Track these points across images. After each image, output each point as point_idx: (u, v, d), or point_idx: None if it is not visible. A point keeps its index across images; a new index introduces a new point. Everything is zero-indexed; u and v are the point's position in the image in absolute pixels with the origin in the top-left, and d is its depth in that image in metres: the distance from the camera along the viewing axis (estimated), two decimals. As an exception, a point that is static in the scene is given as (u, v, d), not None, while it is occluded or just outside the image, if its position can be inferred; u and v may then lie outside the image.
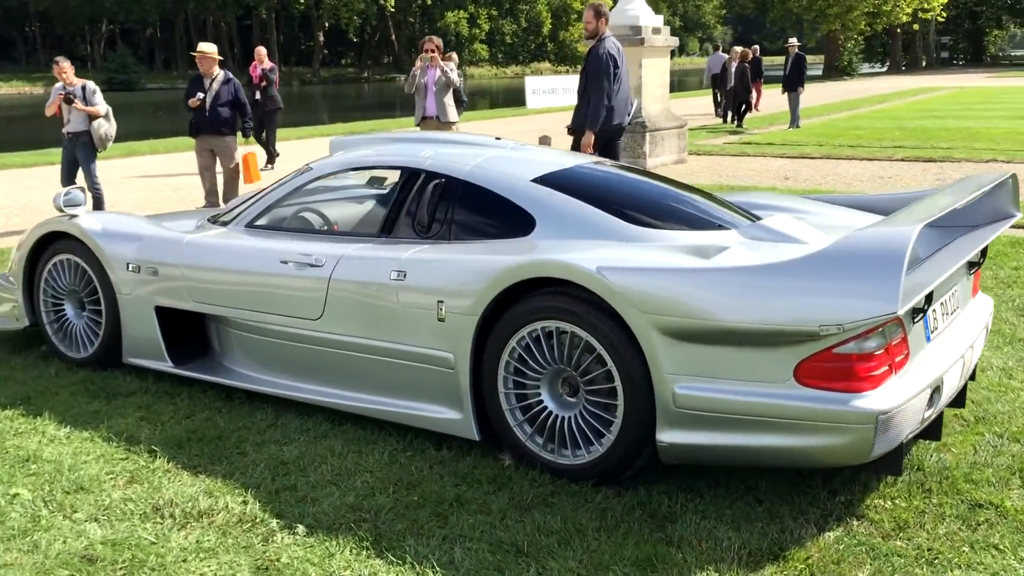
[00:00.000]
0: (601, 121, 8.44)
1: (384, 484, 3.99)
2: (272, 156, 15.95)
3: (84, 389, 5.20)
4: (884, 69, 70.14)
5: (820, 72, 51.89)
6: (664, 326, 3.60)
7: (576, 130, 8.65)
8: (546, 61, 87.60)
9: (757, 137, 19.66)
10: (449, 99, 11.65)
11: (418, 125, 11.60)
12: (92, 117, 10.62)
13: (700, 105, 29.37)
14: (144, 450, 4.37)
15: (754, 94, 23.30)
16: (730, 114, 22.72)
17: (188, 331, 5.26)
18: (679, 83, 64.71)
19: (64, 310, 5.62)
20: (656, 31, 15.21)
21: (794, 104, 21.44)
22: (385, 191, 5.22)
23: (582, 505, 3.76)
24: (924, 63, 72.33)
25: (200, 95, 10.65)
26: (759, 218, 4.57)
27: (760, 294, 3.46)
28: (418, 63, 11.46)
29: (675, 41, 15.78)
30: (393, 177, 5.18)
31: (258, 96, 15.35)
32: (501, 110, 33.48)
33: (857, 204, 5.11)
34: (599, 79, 8.37)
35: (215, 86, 10.67)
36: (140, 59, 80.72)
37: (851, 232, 3.64)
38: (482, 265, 4.08)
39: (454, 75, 11.61)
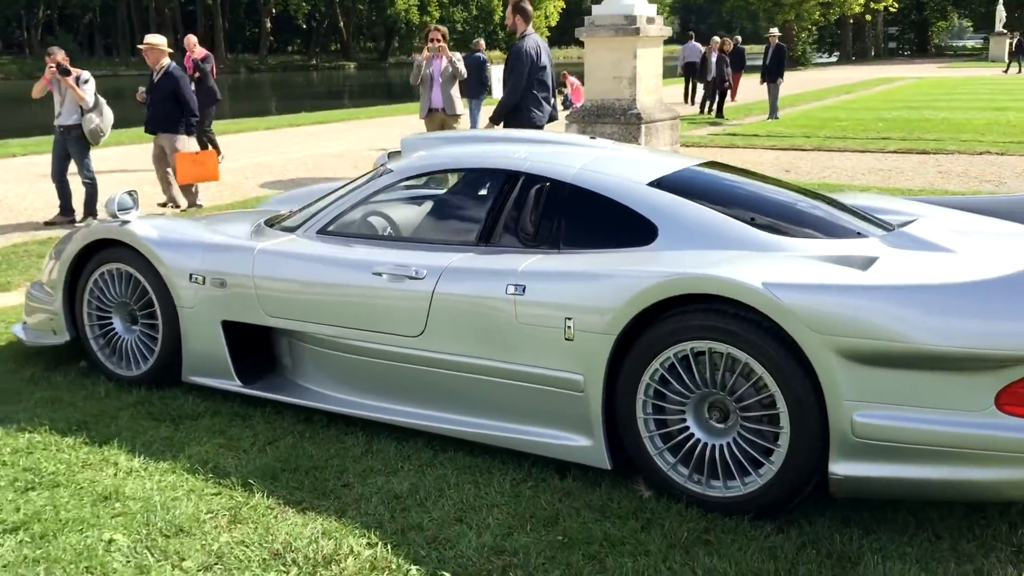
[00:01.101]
0: (506, 114, 8.52)
1: (518, 520, 3.65)
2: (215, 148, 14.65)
3: (144, 411, 4.77)
4: (834, 59, 70.69)
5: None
6: (844, 348, 3.30)
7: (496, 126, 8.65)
8: (497, 49, 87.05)
9: (739, 128, 19.51)
10: (455, 91, 11.28)
11: (424, 119, 11.19)
12: (83, 109, 10.07)
13: (668, 95, 29.16)
14: (236, 483, 3.98)
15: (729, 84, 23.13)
16: (708, 104, 22.52)
17: (251, 346, 4.84)
18: (630, 72, 64.69)
19: (112, 324, 5.18)
20: (650, 20, 14.91)
21: (773, 95, 21.32)
22: (475, 195, 4.84)
23: (746, 544, 3.45)
24: (873, 53, 73.06)
25: (141, 89, 10.51)
26: (889, 224, 4.29)
27: (961, 315, 3.17)
28: (424, 53, 11.05)
29: (668, 31, 15.51)
30: (463, 180, 4.83)
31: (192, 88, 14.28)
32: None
33: (969, 206, 4.85)
34: (513, 76, 8.44)
35: (157, 80, 10.31)
36: (80, 45, 78.68)
37: None
38: (618, 279, 3.75)
39: (461, 65, 11.23)
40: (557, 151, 4.67)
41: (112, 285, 5.10)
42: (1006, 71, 42.46)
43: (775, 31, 21.93)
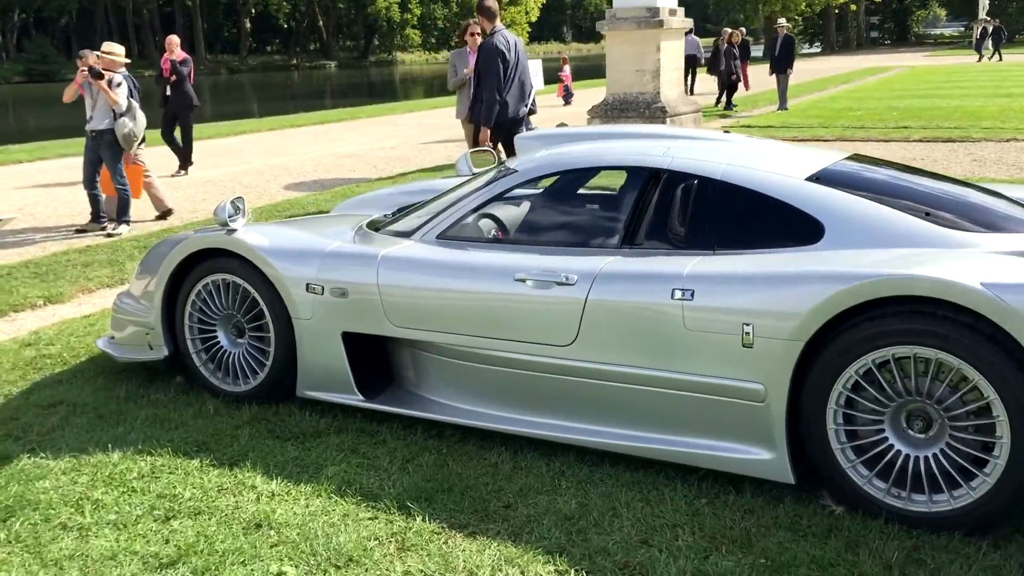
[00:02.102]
0: (495, 115, 8.57)
1: (709, 541, 3.43)
2: (187, 159, 14.25)
3: (264, 430, 4.52)
4: (818, 50, 70.78)
5: (761, 53, 51.99)
6: None
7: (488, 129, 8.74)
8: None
9: (751, 120, 19.35)
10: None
11: (463, 120, 10.92)
12: (115, 113, 9.76)
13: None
14: (392, 506, 3.75)
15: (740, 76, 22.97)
16: (723, 97, 22.32)
17: (365, 359, 4.60)
18: (599, 70, 64.57)
19: (215, 338, 4.91)
20: (673, 12, 14.75)
21: (782, 86, 21.19)
22: (613, 195, 4.61)
23: (965, 564, 3.24)
24: (856, 43, 73.24)
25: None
26: None
27: None
28: (470, 68, 10.60)
29: (690, 22, 15.35)
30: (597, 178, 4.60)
31: (168, 92, 13.72)
32: (446, 98, 32.69)
33: None
34: (488, 74, 8.46)
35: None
36: (57, 49, 77.82)
37: None
38: (805, 282, 3.53)
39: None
40: (697, 146, 4.45)
41: (217, 297, 4.84)
42: (979, 60, 42.54)
43: (783, 22, 21.80)
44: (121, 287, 7.68)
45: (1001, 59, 41.81)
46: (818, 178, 4.08)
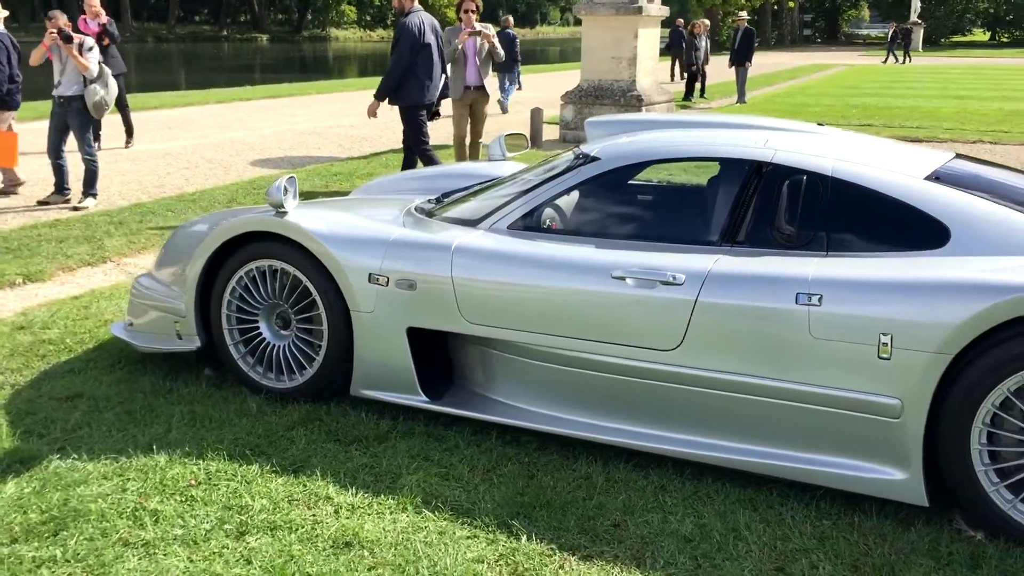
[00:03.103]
0: (392, 90, 8.72)
1: (852, 572, 3.16)
2: (129, 133, 13.42)
3: (320, 432, 4.14)
4: (755, 45, 71.25)
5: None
6: None
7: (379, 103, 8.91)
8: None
9: (715, 111, 19.21)
10: (489, 68, 10.63)
11: (459, 100, 10.51)
12: (85, 79, 9.17)
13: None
14: (489, 523, 3.42)
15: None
16: (693, 86, 22.13)
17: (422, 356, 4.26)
18: (540, 53, 64.21)
19: (257, 328, 4.50)
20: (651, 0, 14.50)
21: (741, 79, 21.16)
22: (709, 187, 4.31)
23: None
24: (790, 40, 74.09)
25: None
26: None
27: None
28: (463, 35, 10.20)
29: (667, 10, 15.11)
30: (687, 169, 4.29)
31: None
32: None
33: None
34: (398, 49, 8.56)
35: None
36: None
37: None
38: (955, 291, 3.28)
39: (497, 42, 10.59)
40: (797, 139, 4.16)
41: (262, 284, 4.44)
42: (884, 61, 43.20)
43: (743, 15, 21.71)
44: (103, 266, 7.21)
45: (910, 61, 42.49)
46: (937, 177, 3.83)
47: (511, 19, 19.54)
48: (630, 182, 4.45)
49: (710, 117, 4.77)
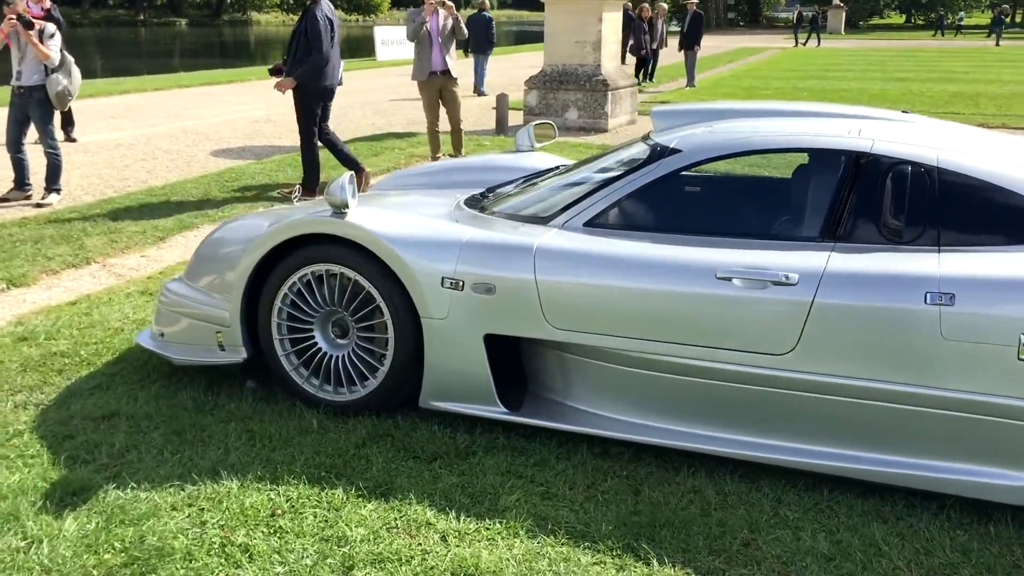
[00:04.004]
0: (316, 77, 8.68)
1: (1010, 585, 2.99)
2: (70, 122, 12.55)
3: (395, 449, 3.86)
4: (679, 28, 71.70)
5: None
6: None
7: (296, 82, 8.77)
8: (340, 10, 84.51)
9: (668, 95, 19.15)
10: (454, 50, 10.31)
11: (421, 82, 10.18)
12: (47, 68, 8.65)
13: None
14: (615, 546, 3.18)
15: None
16: (644, 71, 22.00)
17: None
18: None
19: (311, 337, 4.19)
20: (615, -18, 14.30)
21: (691, 62, 21.10)
22: (801, 180, 4.10)
23: None
24: (715, 23, 74.68)
25: None
26: None
27: None
28: (430, 3, 9.89)
29: (629, -6, 14.89)
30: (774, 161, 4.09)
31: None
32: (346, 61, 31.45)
33: None
34: (319, 39, 8.55)
35: None
36: None
37: None
38: None
39: (462, 23, 10.28)
40: (893, 128, 3.98)
41: (318, 290, 4.12)
42: (795, 44, 43.66)
43: (692, -1, 21.65)
44: (87, 268, 6.79)
45: (818, 44, 42.97)
46: (1045, 169, 3.67)
47: (487, 2, 19.31)
48: (714, 175, 4.22)
49: (780, 105, 4.55)
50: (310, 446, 3.86)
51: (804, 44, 42.56)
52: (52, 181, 9.05)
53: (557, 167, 5.23)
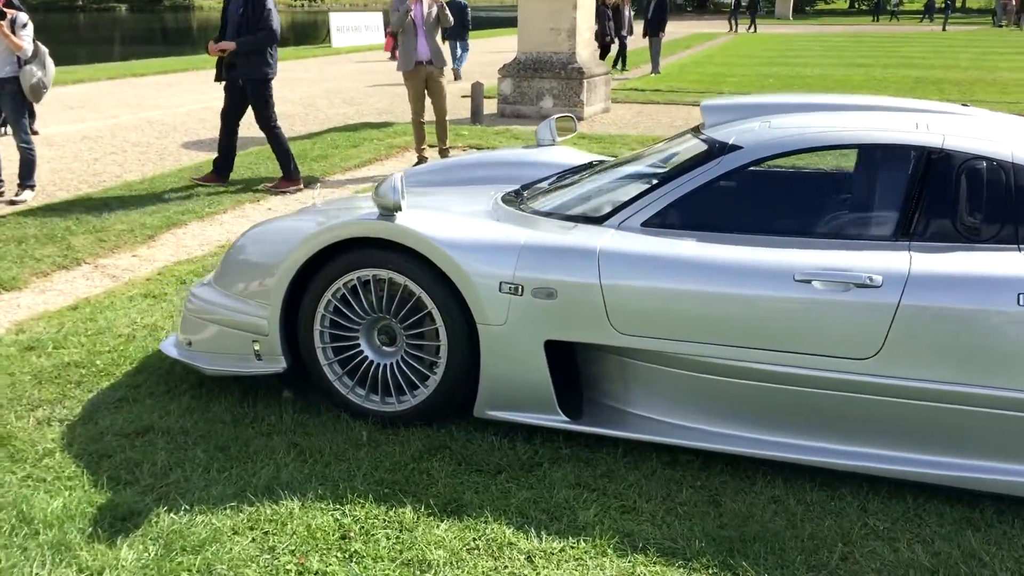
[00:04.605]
0: (263, 64, 8.60)
1: (1121, 595, 2.91)
2: (31, 114, 11.60)
3: (455, 462, 3.70)
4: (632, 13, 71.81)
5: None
6: None
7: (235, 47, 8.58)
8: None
9: (635, 83, 19.06)
10: (440, 39, 10.07)
11: (407, 72, 9.95)
12: (19, 60, 8.31)
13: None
14: (711, 563, 3.08)
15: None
16: (616, 59, 21.85)
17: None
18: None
19: (357, 345, 4.00)
20: (588, -32, 14.15)
21: (655, 49, 21.03)
22: (868, 176, 3.99)
23: None
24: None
25: None
26: None
27: None
28: None
29: (601, -19, 14.74)
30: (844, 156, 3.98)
31: None
32: (299, 48, 31.01)
33: None
34: (270, 17, 8.55)
35: None
36: None
37: None
38: None
39: (447, 11, 10.04)
40: (960, 122, 3.88)
41: (364, 296, 3.93)
42: (731, 30, 43.84)
43: (657, -16, 21.54)
44: (79, 269, 6.53)
45: (755, 30, 43.18)
46: (1122, 162, 3.59)
47: None
48: (773, 172, 4.09)
49: (828, 98, 4.43)
50: (366, 461, 3.68)
51: (749, 29, 42.63)
52: (26, 177, 8.72)
53: (591, 163, 5.08)
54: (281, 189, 9.08)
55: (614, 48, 21.59)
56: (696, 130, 4.34)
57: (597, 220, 3.92)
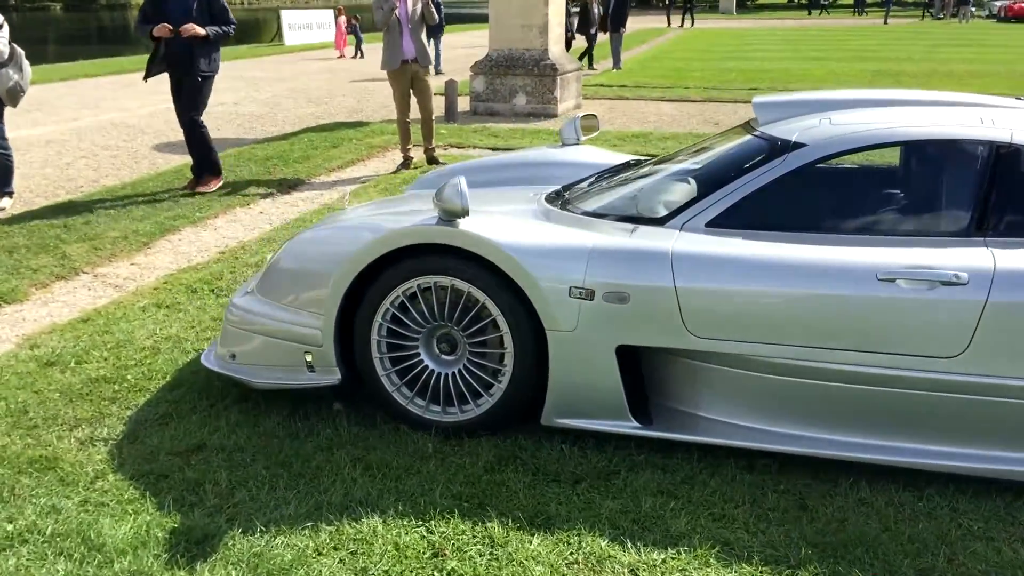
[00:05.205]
0: (216, 59, 8.47)
1: None
2: None
3: (530, 473, 3.61)
4: (576, 9, 71.92)
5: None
6: None
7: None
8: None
9: (599, 78, 19.05)
10: (424, 37, 9.93)
11: (392, 71, 9.79)
12: (-4, 62, 8.06)
13: (468, 41, 28.38)
14: (818, 572, 2.99)
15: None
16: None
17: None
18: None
19: (417, 355, 3.89)
20: (559, -36, 14.09)
21: (616, 44, 21.04)
22: (937, 172, 3.95)
23: None
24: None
25: None
26: None
27: None
28: None
29: (571, -24, 14.68)
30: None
31: None
32: (253, 46, 30.55)
33: None
34: (228, 12, 8.40)
35: None
36: None
37: None
38: None
39: (432, 8, 9.90)
40: (1022, 115, 3.86)
41: (425, 304, 3.81)
42: (668, 24, 44.12)
43: (617, -21, 21.54)
44: (78, 279, 6.32)
45: (693, 24, 43.46)
46: None
47: None
48: (839, 170, 4.04)
49: (880, 94, 4.39)
50: (438, 473, 3.57)
51: (683, 24, 42.80)
52: (5, 184, 8.45)
53: (627, 162, 5.01)
54: (202, 189, 8.80)
55: (574, 44, 21.53)
56: (747, 126, 4.28)
57: (658, 221, 3.84)
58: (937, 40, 31.30)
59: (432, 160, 10.10)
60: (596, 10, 20.93)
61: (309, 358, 3.96)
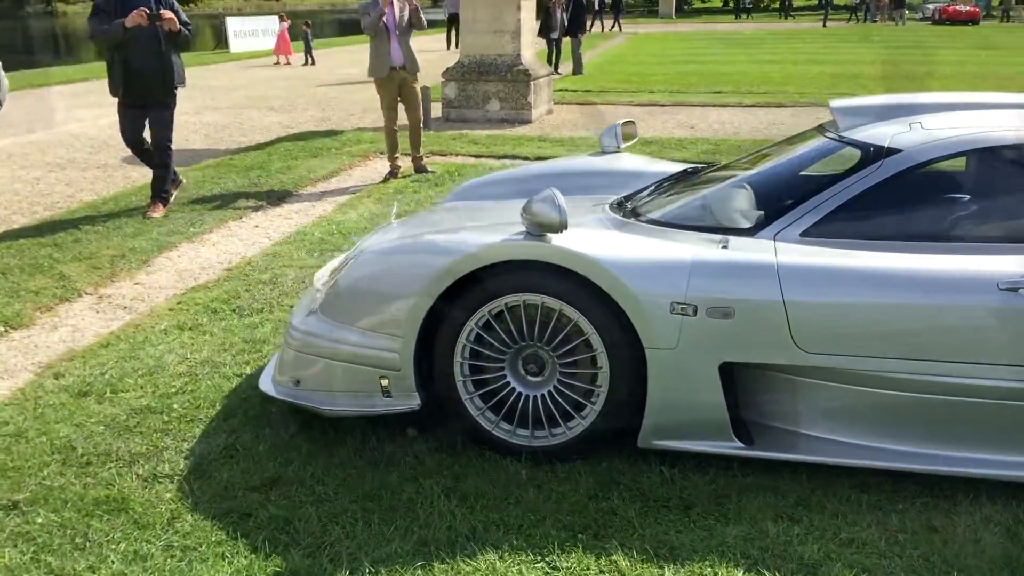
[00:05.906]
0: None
1: None
2: None
3: (635, 500, 3.44)
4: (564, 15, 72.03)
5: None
6: None
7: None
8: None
9: (562, 83, 18.94)
10: (412, 43, 9.70)
11: (380, 79, 9.55)
12: (-26, 73, 7.68)
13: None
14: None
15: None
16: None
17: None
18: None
19: (503, 377, 3.70)
20: (531, -31, 13.95)
21: (576, 48, 20.96)
22: (996, 175, 3.86)
23: None
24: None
25: None
26: None
27: None
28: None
29: (540, -20, 14.57)
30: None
31: None
32: (200, 54, 29.95)
33: None
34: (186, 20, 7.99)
35: None
36: None
37: None
38: None
39: (421, 13, 9.67)
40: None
41: (514, 323, 3.62)
42: (603, 30, 44.17)
43: (575, -16, 21.48)
44: (82, 300, 6.01)
45: (620, 29, 43.58)
46: None
47: None
48: (933, 175, 3.93)
49: (956, 97, 4.29)
50: (541, 502, 3.38)
51: (611, 28, 42.77)
52: (-19, 200, 8.02)
53: (686, 170, 4.86)
54: (153, 213, 8.32)
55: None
56: (821, 129, 4.18)
57: (746, 232, 3.69)
58: (882, 43, 31.77)
59: (420, 169, 9.88)
60: (559, 15, 20.79)
61: (385, 383, 3.74)
